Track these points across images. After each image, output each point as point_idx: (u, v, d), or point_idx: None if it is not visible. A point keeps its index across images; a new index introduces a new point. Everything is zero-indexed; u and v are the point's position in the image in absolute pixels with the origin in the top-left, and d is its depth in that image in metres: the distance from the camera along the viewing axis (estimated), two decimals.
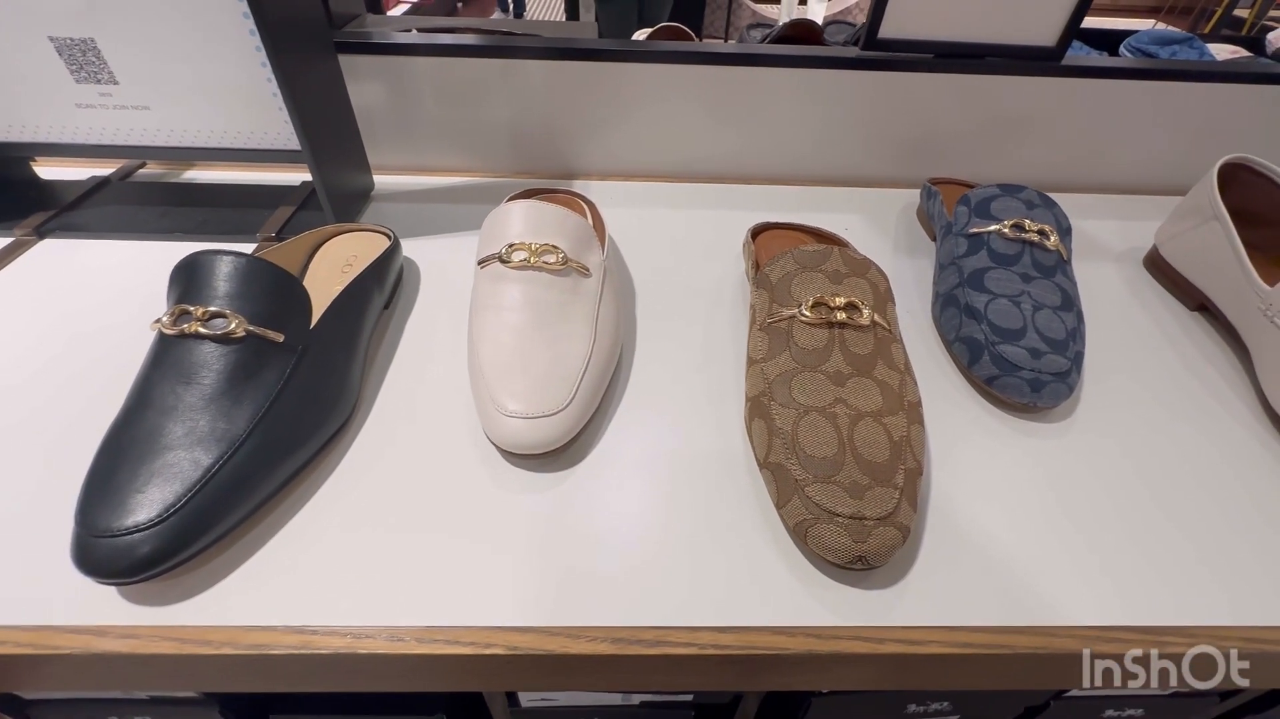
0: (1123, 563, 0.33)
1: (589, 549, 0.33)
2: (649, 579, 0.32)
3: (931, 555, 0.33)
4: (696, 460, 0.37)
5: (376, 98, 0.60)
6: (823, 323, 0.36)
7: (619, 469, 0.37)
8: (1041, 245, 0.44)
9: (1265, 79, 0.61)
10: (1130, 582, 0.32)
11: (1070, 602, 0.31)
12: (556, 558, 0.32)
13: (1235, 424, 0.41)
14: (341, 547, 0.32)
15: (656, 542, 0.33)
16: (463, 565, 0.32)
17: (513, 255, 0.40)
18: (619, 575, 0.32)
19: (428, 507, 0.34)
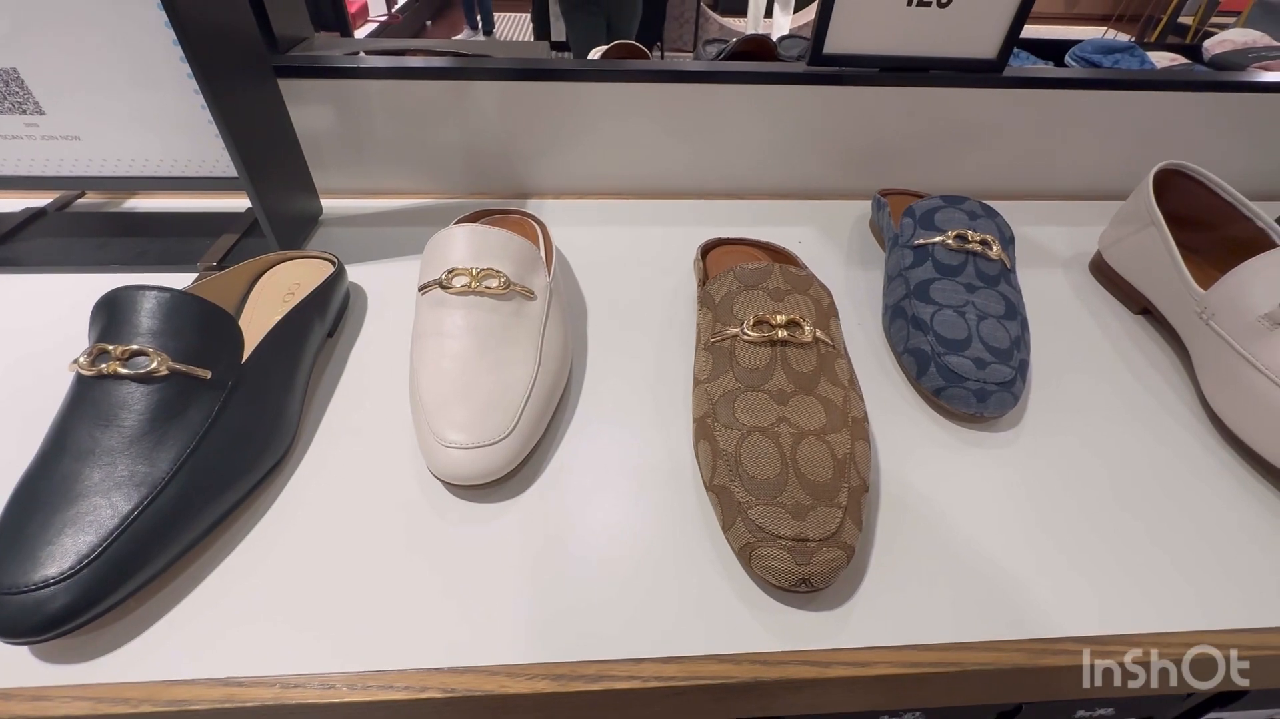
0: (1071, 572, 0.33)
1: (531, 582, 0.32)
2: (593, 611, 0.31)
3: (880, 573, 0.33)
4: (645, 485, 0.37)
5: (324, 121, 0.59)
6: (764, 341, 0.36)
7: (565, 497, 0.36)
8: (984, 255, 0.45)
9: (1199, 86, 0.62)
10: (1078, 590, 0.32)
11: (1020, 614, 0.31)
12: (497, 593, 0.31)
13: (1178, 426, 0.42)
14: (273, 590, 0.31)
15: (601, 571, 0.32)
16: (400, 605, 0.31)
17: (453, 281, 0.39)
18: (562, 609, 0.31)
19: (365, 544, 0.33)
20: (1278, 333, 0.38)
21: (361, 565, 0.32)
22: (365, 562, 0.32)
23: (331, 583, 0.32)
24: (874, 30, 0.57)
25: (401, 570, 0.32)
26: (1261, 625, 0.31)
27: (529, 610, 0.31)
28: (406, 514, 0.35)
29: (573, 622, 0.30)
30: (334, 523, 0.34)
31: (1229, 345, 0.40)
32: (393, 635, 0.29)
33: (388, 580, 0.32)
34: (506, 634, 0.30)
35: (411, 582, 0.32)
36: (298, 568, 0.32)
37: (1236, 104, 0.63)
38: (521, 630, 0.30)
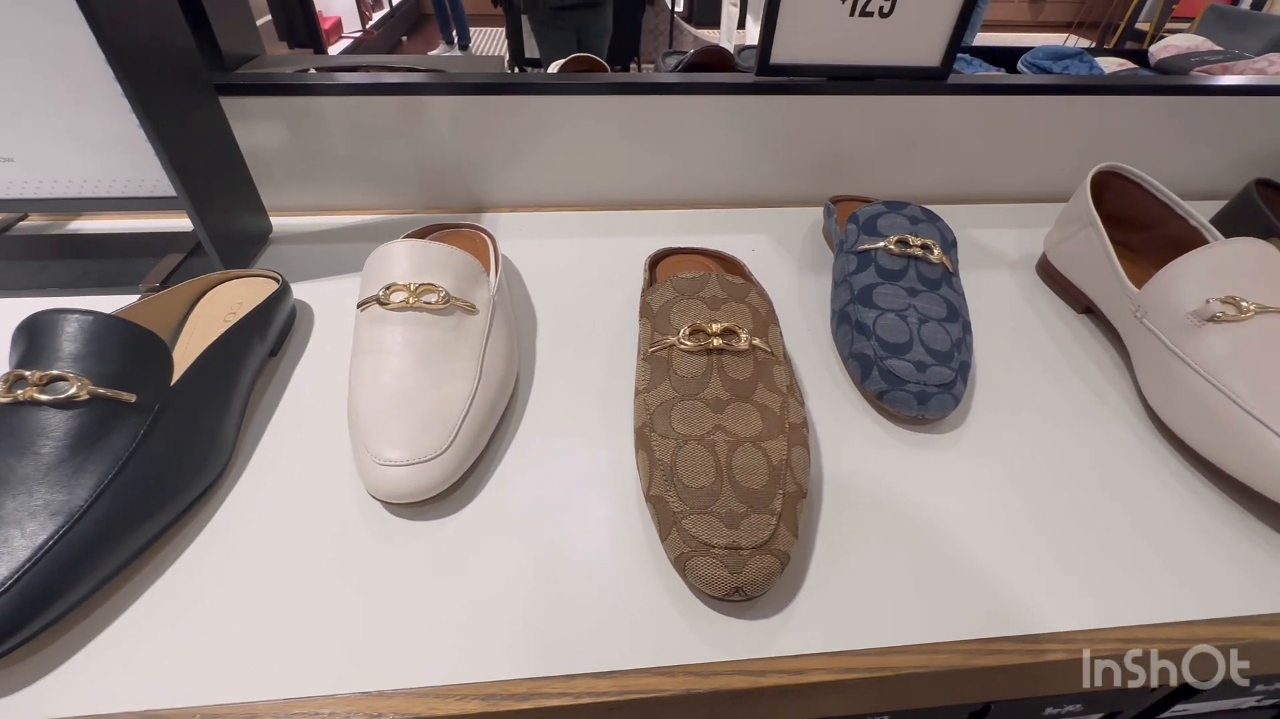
0: (1010, 571, 0.33)
1: (464, 600, 0.31)
2: (528, 628, 0.30)
3: (820, 579, 0.33)
4: (588, 497, 0.37)
5: (273, 139, 0.59)
6: (700, 349, 0.36)
7: (507, 511, 0.36)
8: (925, 259, 0.45)
9: (1136, 90, 0.64)
10: (1017, 589, 0.33)
11: (959, 615, 0.31)
12: (427, 612, 0.31)
13: (1117, 423, 0.42)
14: (198, 618, 0.30)
15: (538, 587, 0.32)
16: (328, 628, 0.30)
17: (391, 296, 0.39)
18: (495, 626, 0.30)
19: (295, 567, 0.33)
20: (1205, 329, 0.39)
21: (290, 589, 0.32)
22: (294, 585, 0.32)
23: (258, 609, 0.31)
24: (819, 40, 0.58)
25: (331, 593, 0.32)
26: (1190, 619, 0.31)
27: (461, 629, 0.30)
28: (341, 534, 0.34)
29: (506, 640, 0.30)
30: (265, 547, 0.34)
31: (1161, 342, 0.41)
32: (319, 660, 0.29)
33: (316, 604, 0.31)
34: (437, 654, 0.29)
35: (341, 604, 0.31)
36: (225, 594, 0.31)
37: (1177, 106, 0.65)
38: (452, 650, 0.29)
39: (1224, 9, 2.20)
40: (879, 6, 0.56)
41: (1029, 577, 0.33)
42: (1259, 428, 0.35)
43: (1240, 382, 0.37)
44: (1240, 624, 0.31)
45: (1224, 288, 0.39)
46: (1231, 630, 0.31)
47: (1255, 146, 0.69)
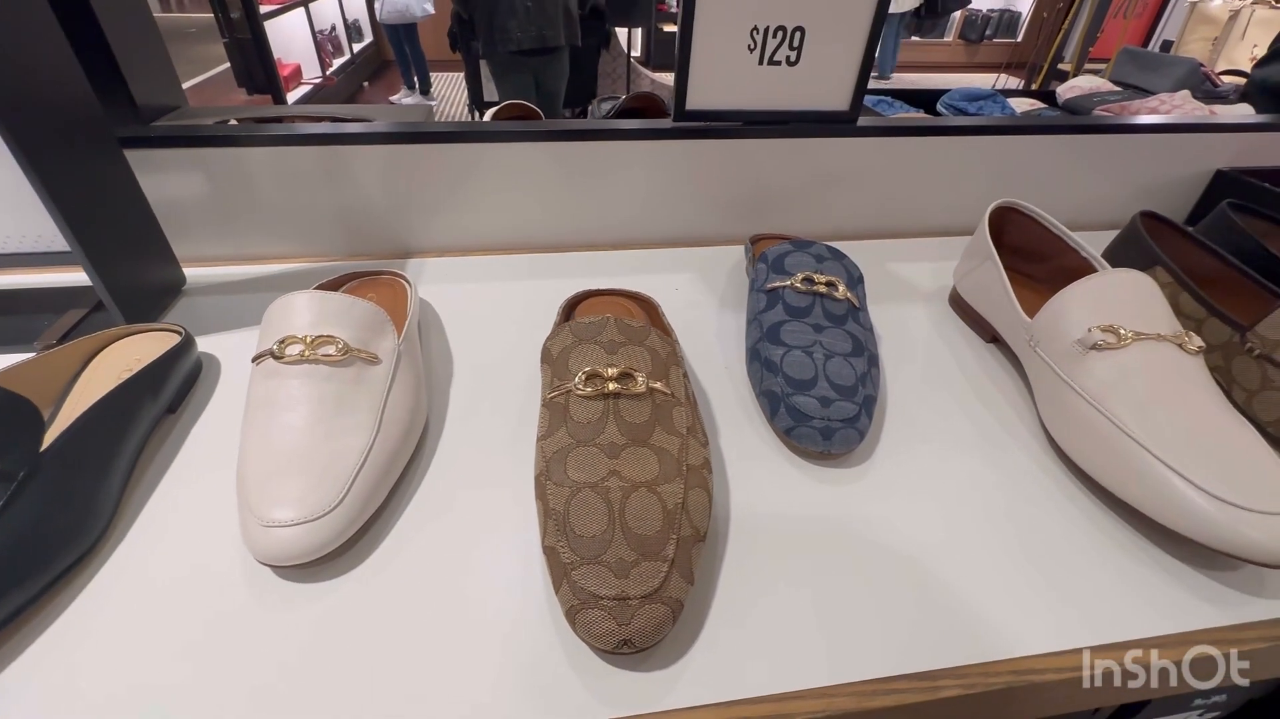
0: (912, 606, 0.33)
1: (353, 666, 0.30)
2: (419, 690, 0.29)
3: (717, 625, 0.32)
4: (490, 549, 0.36)
5: (189, 190, 0.58)
6: (597, 394, 0.36)
7: (403, 569, 0.35)
8: (831, 296, 0.47)
9: (1036, 130, 0.68)
10: (919, 625, 0.32)
11: (857, 655, 0.31)
12: (315, 683, 0.29)
13: (1020, 451, 0.43)
14: (67, 694, 0.28)
15: (431, 645, 0.31)
16: (208, 705, 0.28)
17: (286, 350, 0.38)
18: (386, 690, 0.29)
19: (174, 639, 0.31)
20: (1089, 356, 0.41)
21: (166, 665, 0.30)
22: (170, 660, 0.30)
23: (130, 684, 0.29)
24: (731, 87, 0.60)
25: (210, 666, 0.30)
26: (1084, 645, 0.32)
27: (346, 698, 0.29)
28: (224, 602, 0.33)
29: (394, 704, 0.29)
30: (141, 618, 0.32)
31: (1053, 370, 0.43)
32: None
33: (194, 679, 0.29)
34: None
35: (220, 677, 0.29)
36: (96, 668, 0.29)
37: (1076, 144, 0.69)
38: (338, 715, 0.28)
39: (1136, 51, 2.37)
40: (785, 56, 0.59)
41: (930, 611, 0.33)
42: (1141, 452, 0.36)
43: (1122, 407, 0.38)
44: (1131, 647, 0.32)
45: (1104, 317, 0.41)
46: (1122, 653, 0.31)
47: (1148, 179, 0.73)
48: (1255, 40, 2.51)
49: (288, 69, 3.65)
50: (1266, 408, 0.43)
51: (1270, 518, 0.33)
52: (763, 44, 0.58)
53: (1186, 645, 0.32)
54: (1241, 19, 2.51)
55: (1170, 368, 0.39)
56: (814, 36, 0.58)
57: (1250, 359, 0.45)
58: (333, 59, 4.19)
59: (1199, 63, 2.12)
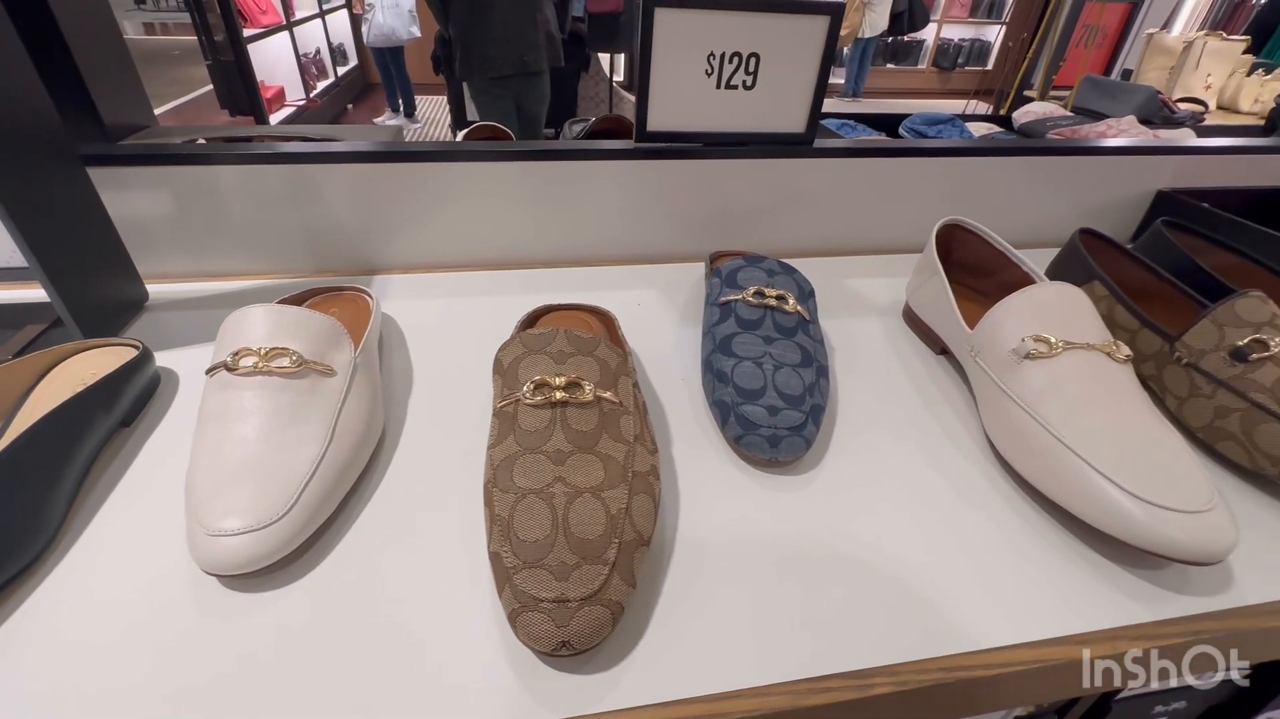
0: (851, 608, 0.34)
1: (296, 674, 0.30)
2: (362, 698, 0.29)
3: (660, 628, 0.33)
4: (439, 557, 0.36)
5: (154, 208, 0.59)
6: (545, 403, 0.37)
7: (352, 577, 0.35)
8: (781, 309, 0.48)
9: (982, 152, 0.71)
10: (857, 625, 0.33)
11: (796, 655, 0.32)
12: (256, 692, 0.29)
13: (963, 458, 0.45)
14: (7, 709, 0.28)
15: (373, 654, 0.31)
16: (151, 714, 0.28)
17: (240, 362, 0.38)
18: (331, 696, 0.29)
19: (116, 651, 0.31)
20: (1024, 365, 0.42)
21: (101, 674, 0.30)
22: (106, 670, 0.30)
23: (65, 695, 0.29)
24: (691, 109, 0.62)
25: (153, 677, 0.30)
26: (1010, 643, 0.33)
27: (290, 702, 0.29)
28: (165, 611, 0.33)
29: (336, 710, 0.29)
30: (80, 629, 0.32)
31: (991, 379, 0.44)
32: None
33: (136, 691, 0.29)
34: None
35: (163, 688, 0.29)
36: (31, 680, 0.29)
37: (1026, 165, 0.72)
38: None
39: (1097, 79, 2.46)
40: (742, 80, 0.61)
41: (867, 611, 0.34)
42: (1070, 455, 0.38)
43: (1054, 413, 0.40)
44: (1058, 645, 0.33)
45: (1037, 327, 0.43)
46: (1049, 652, 0.33)
47: (1095, 199, 0.76)
48: (1209, 70, 2.61)
49: (271, 91, 3.67)
50: (1196, 414, 0.45)
51: (1191, 517, 0.34)
52: (719, 69, 0.60)
53: (1111, 641, 0.33)
54: (1195, 49, 2.61)
55: (1099, 375, 0.41)
56: (768, 62, 0.60)
57: (1179, 368, 0.47)
58: (317, 82, 4.22)
59: (1157, 90, 2.21)
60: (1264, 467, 0.41)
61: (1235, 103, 2.54)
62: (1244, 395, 0.43)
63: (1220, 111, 2.56)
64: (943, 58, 5.93)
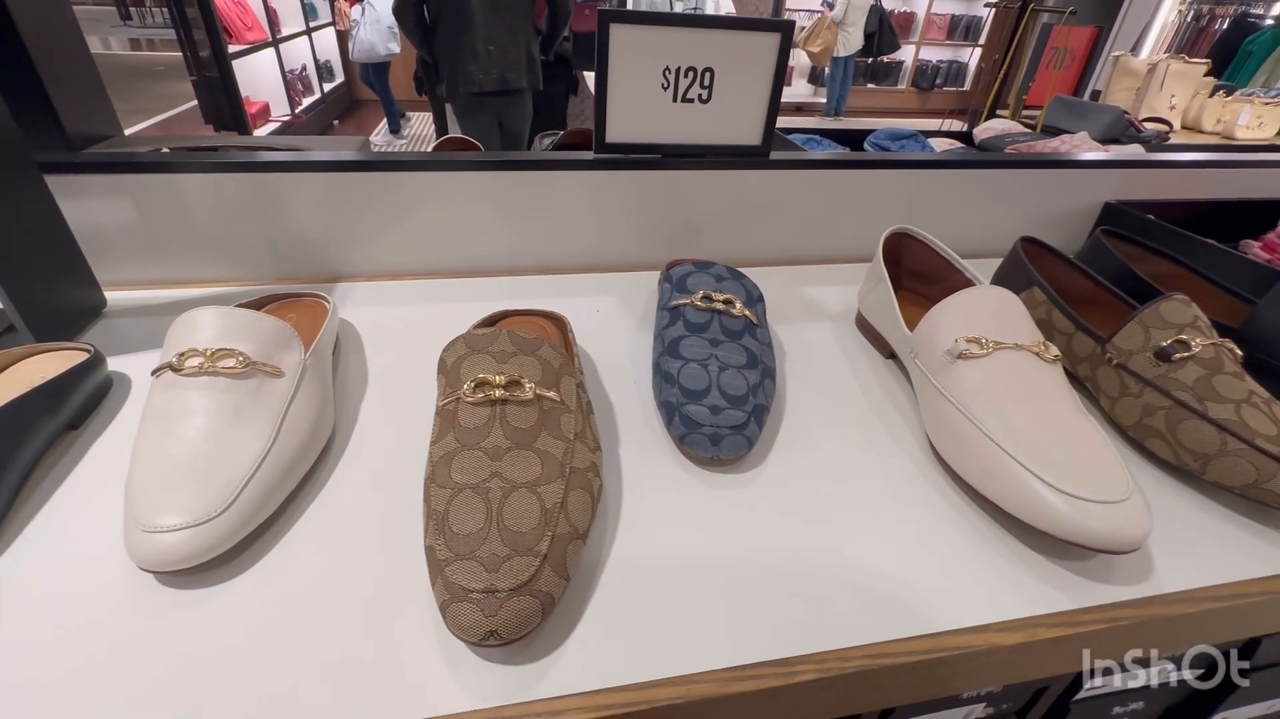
0: (781, 598, 0.35)
1: (230, 672, 0.30)
2: (288, 691, 0.30)
3: (593, 619, 0.33)
4: (378, 553, 0.36)
5: (116, 215, 0.59)
6: (484, 401, 0.37)
7: (291, 574, 0.35)
8: (728, 313, 0.49)
9: (933, 165, 0.73)
10: (785, 615, 0.34)
11: (725, 644, 0.32)
12: (191, 687, 0.30)
13: (903, 455, 0.46)
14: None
15: (308, 646, 0.31)
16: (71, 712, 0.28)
17: (186, 363, 0.39)
18: (257, 691, 0.30)
19: (42, 655, 0.31)
20: (957, 365, 0.44)
21: (32, 671, 0.30)
22: (39, 670, 0.30)
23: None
24: (649, 122, 0.64)
25: (84, 674, 0.30)
26: (935, 631, 0.34)
27: (223, 694, 0.29)
28: (99, 608, 0.33)
29: (267, 701, 0.29)
30: (13, 629, 0.32)
31: (928, 379, 0.46)
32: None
33: (67, 687, 0.29)
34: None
35: (92, 684, 0.29)
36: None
37: (979, 176, 0.75)
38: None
39: (1066, 99, 2.53)
40: (698, 94, 0.63)
41: (798, 603, 0.35)
42: (998, 451, 0.39)
43: (984, 410, 0.41)
44: (979, 633, 0.34)
45: (970, 329, 0.44)
46: (969, 639, 0.33)
47: (1046, 210, 0.79)
48: (1172, 91, 2.70)
49: (256, 106, 3.68)
50: (1126, 412, 0.47)
51: (1109, 507, 0.36)
52: (675, 83, 0.62)
53: (1030, 629, 0.34)
54: (1159, 72, 2.70)
55: (1028, 374, 0.43)
56: (723, 77, 0.62)
57: (1110, 368, 0.48)
58: (302, 97, 4.24)
59: (1124, 110, 2.28)
60: (1186, 462, 0.43)
61: (1199, 123, 2.63)
62: (1168, 394, 0.44)
63: (1185, 131, 2.64)
64: (921, 78, 6.08)
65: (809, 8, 5.44)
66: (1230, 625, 0.39)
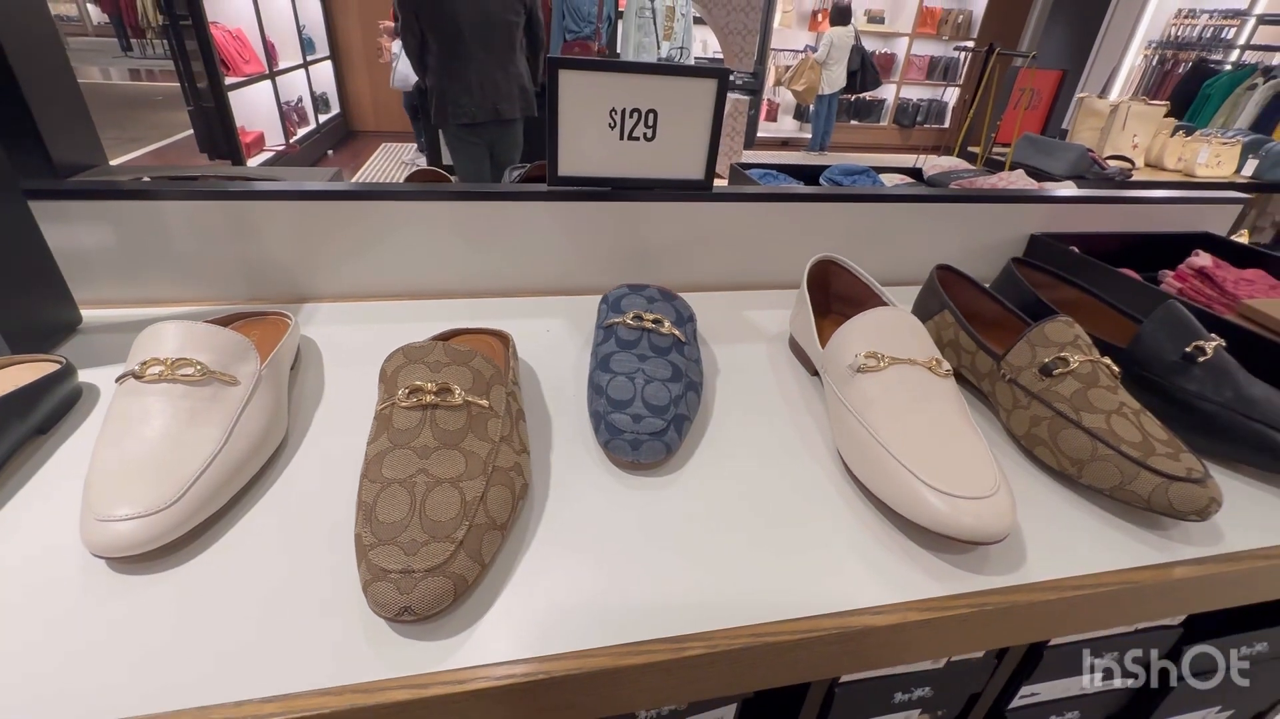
0: (681, 584, 0.39)
1: (171, 651, 0.34)
2: (218, 662, 0.33)
3: (509, 602, 0.37)
4: (315, 544, 0.40)
5: (95, 239, 0.63)
6: (417, 405, 0.41)
7: (232, 561, 0.38)
8: (657, 331, 0.54)
9: (870, 199, 0.79)
10: (685, 598, 0.38)
11: (625, 624, 0.36)
12: (109, 665, 0.33)
13: (814, 463, 0.50)
14: None
15: (242, 628, 0.35)
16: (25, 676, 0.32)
17: (147, 371, 0.43)
18: (185, 658, 0.33)
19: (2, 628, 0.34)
20: (857, 378, 0.48)
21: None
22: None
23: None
24: (598, 157, 0.69)
25: (27, 650, 0.33)
26: (816, 614, 0.37)
27: (144, 665, 0.32)
28: (52, 592, 0.36)
29: (192, 671, 0.32)
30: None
31: (834, 391, 0.50)
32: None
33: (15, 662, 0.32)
34: (114, 690, 0.31)
35: (35, 656, 0.33)
36: None
37: (919, 210, 0.80)
38: (126, 682, 0.31)
39: (1034, 137, 2.65)
40: (643, 133, 0.69)
41: (697, 589, 0.38)
42: (887, 456, 0.43)
43: (878, 419, 0.46)
44: (855, 615, 0.37)
45: (870, 345, 0.49)
46: (846, 621, 0.37)
47: (979, 241, 0.85)
48: (1134, 130, 2.82)
49: (250, 136, 3.76)
50: (1018, 424, 0.51)
51: (976, 502, 0.40)
52: (621, 123, 0.67)
53: (901, 612, 0.38)
54: (1121, 112, 2.82)
55: (919, 386, 0.47)
56: (666, 117, 0.68)
57: (1005, 383, 0.53)
58: (297, 128, 4.34)
59: (1087, 148, 2.39)
60: (1066, 467, 0.47)
61: (1161, 161, 2.75)
62: (1050, 405, 0.49)
63: (1148, 168, 2.76)
64: (903, 116, 6.29)
65: (794, 48, 5.67)
66: (1091, 614, 0.43)
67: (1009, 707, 0.67)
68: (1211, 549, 0.44)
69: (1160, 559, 0.43)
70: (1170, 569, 0.43)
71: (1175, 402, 0.53)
